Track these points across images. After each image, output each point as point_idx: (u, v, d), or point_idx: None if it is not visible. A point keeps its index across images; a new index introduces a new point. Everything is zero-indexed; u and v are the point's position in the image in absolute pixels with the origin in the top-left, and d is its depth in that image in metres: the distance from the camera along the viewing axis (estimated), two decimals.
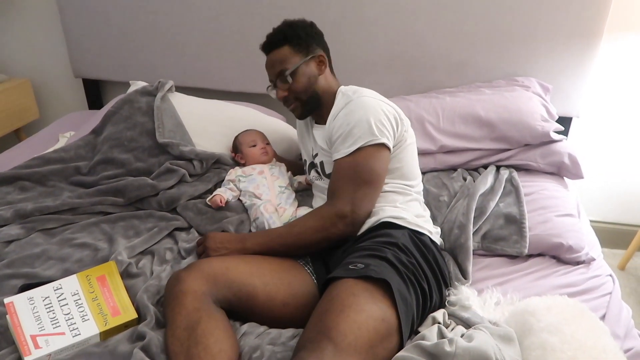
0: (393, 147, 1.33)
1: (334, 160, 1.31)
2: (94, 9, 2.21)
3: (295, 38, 1.39)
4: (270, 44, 1.42)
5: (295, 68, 1.39)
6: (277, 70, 1.41)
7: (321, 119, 1.45)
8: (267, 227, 1.42)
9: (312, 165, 1.48)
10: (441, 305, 1.21)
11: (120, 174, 1.64)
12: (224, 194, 1.55)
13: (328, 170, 1.40)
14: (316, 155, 1.45)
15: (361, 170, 1.26)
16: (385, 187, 1.33)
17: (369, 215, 1.29)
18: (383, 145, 1.29)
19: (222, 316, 1.08)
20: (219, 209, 1.54)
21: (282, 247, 1.28)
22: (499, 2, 1.91)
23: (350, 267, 1.10)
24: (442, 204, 1.61)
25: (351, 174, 1.26)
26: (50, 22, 2.37)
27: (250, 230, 1.49)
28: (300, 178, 1.68)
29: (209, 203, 1.54)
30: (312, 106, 1.44)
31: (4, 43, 2.47)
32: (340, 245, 1.29)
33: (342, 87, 1.43)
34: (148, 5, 2.16)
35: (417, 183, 1.42)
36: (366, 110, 1.29)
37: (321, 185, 1.46)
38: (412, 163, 1.40)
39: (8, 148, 2.02)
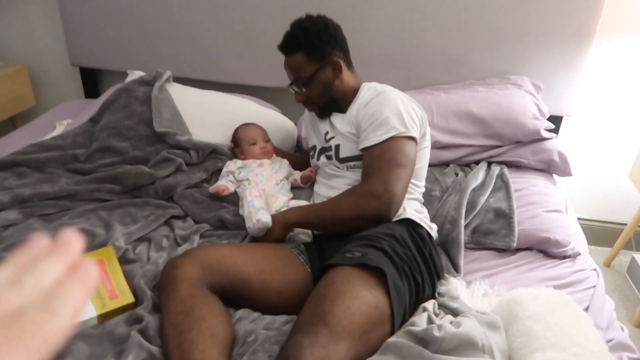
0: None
1: (365, 148, 1.34)
2: None
3: (310, 46, 1.39)
4: (285, 49, 1.43)
5: (310, 76, 1.40)
6: (293, 77, 1.43)
7: (340, 110, 1.48)
8: (247, 212, 1.37)
9: (324, 150, 1.50)
10: (433, 297, 1.24)
11: (118, 162, 1.65)
12: (227, 185, 1.57)
13: (343, 154, 1.43)
14: (331, 139, 1.47)
15: (395, 154, 1.29)
16: None
17: (403, 197, 1.29)
18: (412, 139, 1.33)
19: (216, 302, 1.10)
20: (216, 198, 1.56)
21: (318, 220, 1.31)
22: (495, 1, 1.94)
23: (347, 255, 1.13)
24: (434, 199, 1.64)
25: (385, 158, 1.29)
26: (48, 8, 2.36)
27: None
28: (297, 175, 1.68)
29: (211, 191, 1.55)
30: (329, 108, 1.47)
31: (1, 29, 2.46)
32: (338, 234, 1.32)
33: (366, 83, 1.46)
34: None
35: (422, 185, 1.46)
36: (399, 104, 1.34)
37: (327, 172, 1.49)
38: (424, 165, 1.44)
39: (4, 135, 2.02)
